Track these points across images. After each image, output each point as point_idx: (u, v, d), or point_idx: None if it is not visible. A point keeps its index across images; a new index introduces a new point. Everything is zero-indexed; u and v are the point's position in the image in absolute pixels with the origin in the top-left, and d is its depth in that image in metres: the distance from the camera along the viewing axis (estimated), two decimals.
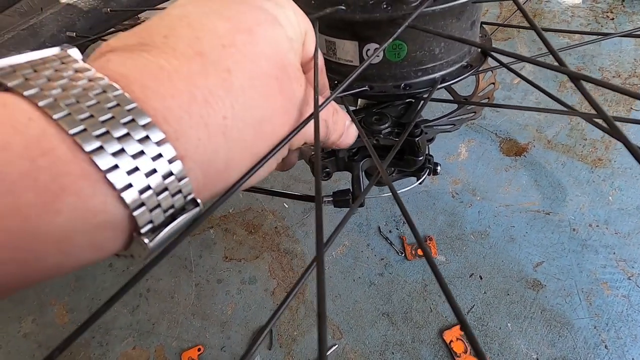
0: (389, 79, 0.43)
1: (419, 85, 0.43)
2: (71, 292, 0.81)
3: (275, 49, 0.18)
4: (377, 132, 0.44)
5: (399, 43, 0.39)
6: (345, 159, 0.48)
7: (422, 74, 0.43)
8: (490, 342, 0.65)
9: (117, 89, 0.13)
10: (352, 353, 0.67)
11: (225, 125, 0.16)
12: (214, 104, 0.15)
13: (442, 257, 0.75)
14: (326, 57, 0.44)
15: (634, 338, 0.63)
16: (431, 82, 0.43)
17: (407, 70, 0.42)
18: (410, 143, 0.43)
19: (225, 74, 0.16)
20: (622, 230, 0.73)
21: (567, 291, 0.68)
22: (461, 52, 0.44)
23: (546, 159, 0.85)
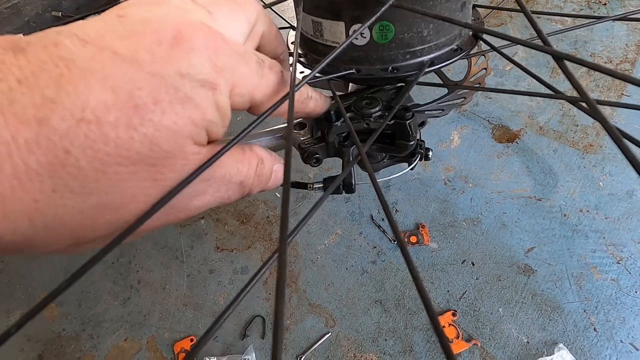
0: (376, 62, 0.42)
1: (407, 68, 0.42)
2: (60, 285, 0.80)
3: (163, 135, 0.15)
4: (367, 116, 0.43)
5: (386, 24, 0.38)
6: (336, 145, 0.47)
7: (410, 56, 0.42)
8: (482, 327, 0.66)
9: None
10: (345, 340, 0.67)
11: (36, 208, 0.14)
12: (26, 181, 0.13)
13: (435, 244, 0.75)
14: (313, 38, 0.42)
15: (622, 320, 0.64)
16: (419, 65, 0.42)
17: (394, 52, 0.41)
18: (401, 127, 0.43)
19: (61, 154, 0.13)
20: (612, 215, 0.74)
21: (557, 276, 0.69)
22: (451, 35, 0.43)
23: (538, 145, 0.85)
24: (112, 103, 0.14)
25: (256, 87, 0.21)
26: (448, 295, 0.69)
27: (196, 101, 0.17)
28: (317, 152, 0.46)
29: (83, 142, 0.14)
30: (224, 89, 0.18)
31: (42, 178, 0.13)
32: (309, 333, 0.69)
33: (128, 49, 0.15)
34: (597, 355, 0.61)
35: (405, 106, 0.43)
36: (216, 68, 0.17)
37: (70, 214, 0.15)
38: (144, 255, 0.81)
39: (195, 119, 0.17)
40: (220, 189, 0.20)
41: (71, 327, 0.74)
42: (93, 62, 0.14)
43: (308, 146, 0.46)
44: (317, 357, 0.66)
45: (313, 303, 0.71)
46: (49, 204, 0.14)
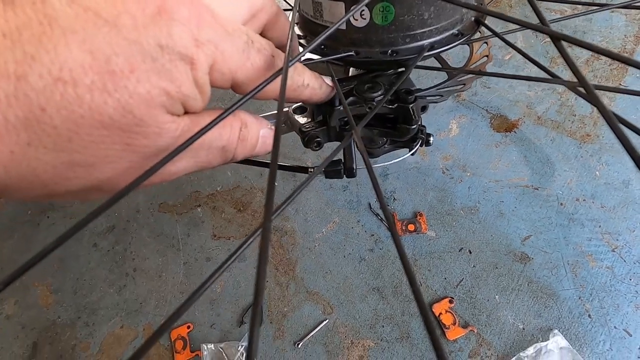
0: (375, 45, 0.41)
1: (406, 52, 0.41)
2: (55, 272, 0.79)
3: (136, 102, 0.16)
4: (370, 100, 0.43)
5: (387, 5, 0.37)
6: (337, 129, 0.47)
7: (410, 40, 0.41)
8: (478, 314, 0.66)
9: None
10: (343, 327, 0.67)
11: (12, 159, 0.14)
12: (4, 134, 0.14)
13: (432, 232, 0.75)
14: (312, 19, 0.42)
15: (617, 307, 0.65)
16: (419, 49, 0.41)
17: (394, 35, 0.40)
18: (404, 110, 0.42)
19: (37, 110, 0.14)
20: (607, 204, 0.74)
21: (553, 264, 0.70)
22: (452, 19, 0.42)
23: (536, 135, 0.85)
24: (89, 66, 0.14)
25: (239, 67, 0.20)
26: (445, 283, 0.70)
27: (173, 74, 0.17)
28: (318, 135, 0.46)
29: (58, 101, 0.14)
30: (204, 65, 0.18)
31: (18, 132, 0.14)
32: (307, 320, 0.69)
33: (111, 12, 0.15)
34: (592, 341, 0.62)
35: (408, 89, 0.43)
36: (196, 42, 0.17)
37: (43, 168, 0.15)
38: (140, 243, 0.81)
39: (170, 91, 0.17)
40: (199, 153, 0.20)
41: (66, 315, 0.74)
42: (75, 23, 0.14)
43: (309, 130, 0.45)
44: (315, 343, 0.66)
45: (311, 290, 0.71)
46: (23, 157, 0.14)
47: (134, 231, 0.82)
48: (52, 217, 0.87)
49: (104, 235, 0.83)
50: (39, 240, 0.84)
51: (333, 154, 0.31)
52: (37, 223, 0.86)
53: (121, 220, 0.84)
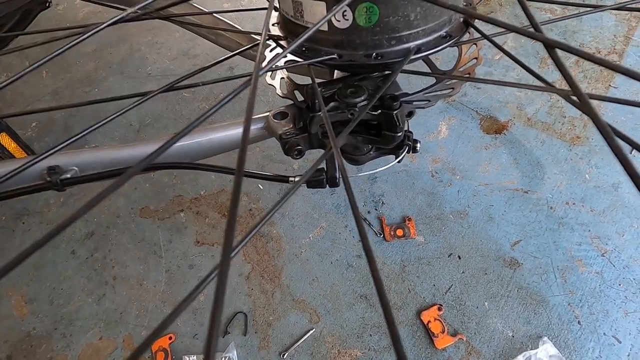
0: (359, 47, 0.39)
1: (392, 54, 0.39)
2: (30, 281, 0.76)
3: None
4: (352, 106, 0.41)
5: (370, 5, 0.35)
6: (319, 136, 0.45)
7: (395, 42, 0.39)
8: (467, 321, 0.65)
9: None
10: (330, 337, 0.66)
11: None
12: None
13: (421, 237, 0.74)
14: (293, 20, 0.39)
15: (606, 313, 0.64)
16: (405, 51, 0.39)
17: (379, 37, 0.38)
18: (388, 117, 0.40)
19: None
20: (597, 208, 0.74)
21: (543, 269, 0.69)
22: (440, 21, 0.40)
23: (526, 137, 0.84)
24: None
25: None
26: (434, 289, 0.68)
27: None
28: (299, 143, 0.43)
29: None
30: None
31: None
32: (293, 329, 0.67)
33: None
34: (581, 348, 0.61)
35: (393, 95, 0.41)
36: None
37: None
38: (120, 250, 0.78)
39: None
40: None
41: (42, 326, 0.71)
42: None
43: (289, 137, 0.43)
44: (301, 353, 0.65)
45: (297, 298, 0.69)
46: None
47: (114, 237, 0.79)
48: (28, 223, 0.83)
49: (83, 241, 0.79)
50: (14, 247, 0.80)
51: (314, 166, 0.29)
52: (12, 229, 0.83)
53: (100, 226, 0.81)
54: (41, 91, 1.08)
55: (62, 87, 1.08)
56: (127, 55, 1.14)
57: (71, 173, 0.41)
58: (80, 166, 0.42)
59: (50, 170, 0.40)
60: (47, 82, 1.10)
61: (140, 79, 1.08)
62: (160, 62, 1.11)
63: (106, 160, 0.44)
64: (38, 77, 1.11)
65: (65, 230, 0.83)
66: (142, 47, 1.16)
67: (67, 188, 0.44)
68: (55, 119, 1.01)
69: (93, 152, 0.44)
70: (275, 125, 0.45)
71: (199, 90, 1.02)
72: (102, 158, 0.44)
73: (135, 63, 1.12)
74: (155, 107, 0.99)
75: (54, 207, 0.85)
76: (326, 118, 0.32)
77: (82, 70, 1.11)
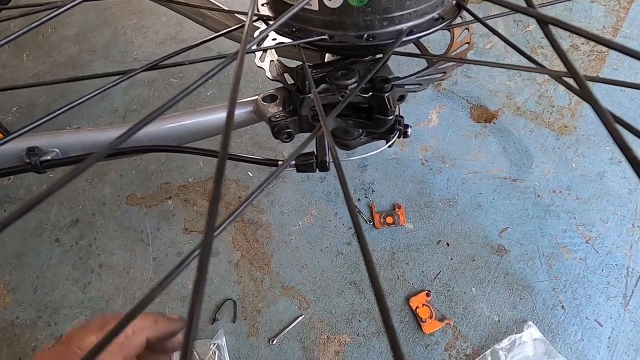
0: (350, 28, 0.38)
1: (383, 36, 0.38)
2: (12, 270, 0.74)
3: None
4: (342, 88, 0.40)
5: None
6: (310, 119, 0.44)
7: (387, 23, 0.38)
8: (455, 306, 0.66)
9: None
10: (319, 323, 0.66)
11: None
12: None
13: (411, 224, 0.74)
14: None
15: (589, 298, 0.65)
16: (397, 33, 0.38)
17: (370, 18, 0.37)
18: (379, 100, 0.40)
19: None
20: (582, 196, 0.75)
21: (529, 255, 0.70)
22: (432, 2, 0.39)
23: (515, 126, 0.84)
24: None
25: None
26: (422, 276, 0.69)
27: None
28: (289, 126, 0.43)
29: None
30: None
31: None
32: (282, 315, 0.67)
33: None
34: (564, 331, 0.63)
35: (385, 77, 0.40)
36: None
37: None
38: (106, 237, 0.76)
39: None
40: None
41: (26, 315, 0.69)
42: None
43: (278, 120, 0.42)
44: (290, 339, 0.65)
45: (286, 285, 0.69)
46: None
47: (100, 225, 0.78)
48: (10, 210, 0.81)
49: (67, 229, 0.78)
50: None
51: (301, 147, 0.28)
52: None
53: (85, 213, 0.79)
54: (22, 75, 1.04)
55: (43, 71, 1.04)
56: (112, 39, 1.11)
57: (52, 155, 0.40)
58: (62, 148, 0.41)
59: (29, 151, 0.39)
60: (28, 65, 1.06)
61: (125, 63, 1.05)
62: (146, 47, 1.08)
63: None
64: (18, 60, 1.07)
65: (49, 218, 0.80)
66: (128, 30, 1.12)
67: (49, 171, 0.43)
68: (37, 103, 0.98)
69: (75, 134, 0.42)
70: (265, 108, 0.44)
71: (187, 75, 1.00)
72: (84, 140, 0.42)
73: (121, 47, 1.09)
74: (142, 92, 0.97)
75: (36, 194, 0.83)
76: (317, 99, 0.31)
77: (65, 54, 1.08)
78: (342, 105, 0.30)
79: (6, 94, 0.99)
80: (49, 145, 0.40)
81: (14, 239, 0.77)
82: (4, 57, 1.09)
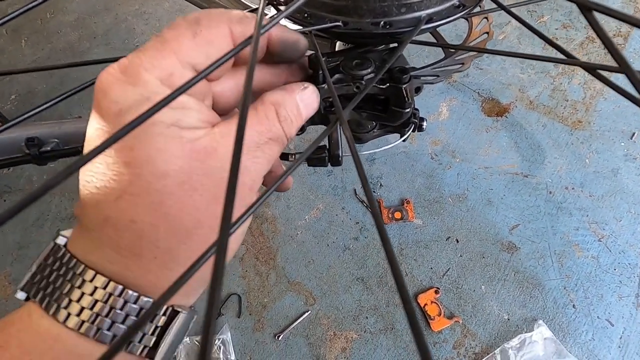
0: (366, 14, 0.35)
1: (401, 23, 0.36)
2: (14, 261, 0.73)
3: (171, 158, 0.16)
4: (358, 78, 0.38)
5: None
6: (322, 111, 0.42)
7: (406, 10, 0.36)
8: (464, 304, 0.65)
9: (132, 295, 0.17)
10: (325, 319, 0.65)
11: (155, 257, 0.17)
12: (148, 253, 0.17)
13: (419, 220, 0.72)
14: None
15: (600, 297, 0.64)
16: (416, 20, 0.36)
17: (388, 4, 0.35)
18: (397, 91, 0.37)
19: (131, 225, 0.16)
20: (596, 193, 0.73)
21: (540, 253, 0.68)
22: None
23: (527, 120, 0.82)
24: None
25: None
26: (431, 273, 0.68)
27: None
28: None
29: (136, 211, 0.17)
30: None
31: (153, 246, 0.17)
32: (288, 311, 0.66)
33: None
34: (575, 331, 0.62)
35: (403, 67, 0.38)
36: None
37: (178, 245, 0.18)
38: None
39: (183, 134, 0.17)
40: (257, 154, 0.20)
41: None
42: None
43: None
44: (296, 335, 0.64)
45: (292, 280, 0.68)
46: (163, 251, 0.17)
47: None
48: (10, 201, 0.80)
49: (69, 220, 0.76)
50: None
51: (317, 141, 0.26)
52: None
53: None
54: (20, 61, 1.02)
55: (42, 57, 1.02)
56: (113, 25, 1.08)
57: (52, 145, 0.38)
58: (62, 138, 0.39)
59: (29, 141, 0.37)
60: (27, 51, 1.03)
61: (127, 51, 1.02)
62: (148, 34, 1.05)
63: None
64: (16, 45, 1.05)
65: (50, 210, 0.79)
66: (129, 17, 1.09)
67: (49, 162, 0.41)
68: (36, 91, 0.95)
69: (76, 124, 0.40)
70: None
71: None
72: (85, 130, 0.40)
73: (122, 34, 1.06)
74: None
75: (36, 184, 0.81)
76: (332, 89, 0.29)
77: (65, 41, 1.05)
78: (359, 96, 0.28)
79: (4, 82, 0.97)
80: (49, 135, 0.38)
81: (16, 230, 0.75)
82: (1, 42, 1.06)
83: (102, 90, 0.17)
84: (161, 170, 0.16)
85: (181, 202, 0.17)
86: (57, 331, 0.16)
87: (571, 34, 0.93)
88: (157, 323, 0.18)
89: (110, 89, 0.16)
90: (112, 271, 0.17)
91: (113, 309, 0.17)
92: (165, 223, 0.17)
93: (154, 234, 0.17)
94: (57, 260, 0.17)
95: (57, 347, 0.16)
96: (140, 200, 0.16)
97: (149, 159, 0.16)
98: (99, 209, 0.17)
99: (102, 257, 0.17)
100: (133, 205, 0.16)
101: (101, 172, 0.17)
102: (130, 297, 0.17)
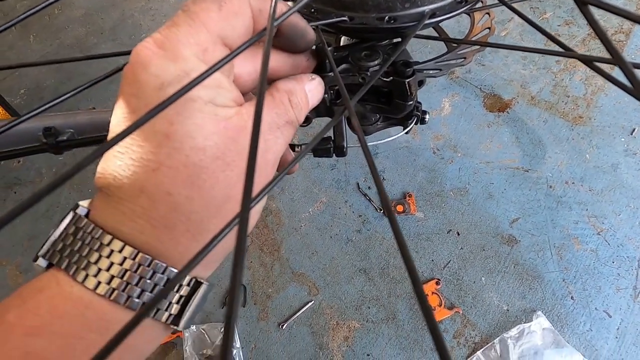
0: (371, 9, 0.37)
1: (405, 18, 0.37)
2: (24, 251, 0.74)
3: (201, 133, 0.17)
4: (364, 69, 0.39)
5: None
6: (327, 103, 0.43)
7: (410, 5, 0.37)
8: (464, 295, 0.66)
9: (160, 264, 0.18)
10: (328, 309, 0.66)
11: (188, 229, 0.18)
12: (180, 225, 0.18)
13: (421, 213, 0.74)
14: None
15: (598, 289, 0.65)
16: (420, 15, 0.37)
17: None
18: (400, 85, 0.39)
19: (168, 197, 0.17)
20: (595, 188, 0.74)
21: (540, 246, 0.70)
22: None
23: (529, 116, 0.83)
24: None
25: None
26: (432, 264, 0.69)
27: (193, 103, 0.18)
28: None
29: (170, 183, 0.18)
30: None
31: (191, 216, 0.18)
32: (292, 301, 0.67)
33: None
34: (573, 322, 0.63)
35: (406, 61, 0.39)
36: None
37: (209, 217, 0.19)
38: None
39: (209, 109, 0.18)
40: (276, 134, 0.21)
41: None
42: None
43: None
44: (300, 324, 0.65)
45: (296, 271, 0.70)
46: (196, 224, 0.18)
47: None
48: (20, 193, 0.81)
49: None
50: None
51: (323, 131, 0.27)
52: (3, 199, 0.81)
53: None
54: (29, 56, 1.03)
55: (50, 52, 1.03)
56: (119, 21, 1.09)
57: (67, 135, 0.39)
58: (77, 129, 0.40)
59: (46, 131, 0.38)
60: (35, 47, 1.05)
61: (133, 46, 1.03)
62: (154, 30, 1.06)
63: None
64: (25, 41, 1.06)
65: (59, 201, 0.81)
66: (135, 13, 1.10)
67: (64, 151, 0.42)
68: (45, 86, 0.97)
69: (89, 115, 0.42)
70: None
71: None
72: (99, 121, 0.42)
73: (128, 30, 1.07)
74: None
75: (46, 176, 0.83)
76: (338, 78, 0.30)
77: (72, 36, 1.06)
78: (365, 87, 0.30)
79: (14, 77, 0.98)
80: (64, 125, 0.40)
81: (26, 221, 0.77)
82: (10, 38, 1.07)
83: (141, 64, 0.17)
84: (200, 146, 0.17)
85: (215, 177, 0.17)
86: (88, 298, 0.17)
87: (573, 30, 0.94)
88: (182, 293, 0.19)
89: (150, 63, 0.17)
90: (142, 241, 0.17)
91: (143, 278, 0.17)
92: (199, 196, 0.17)
93: (188, 207, 0.17)
94: (80, 230, 0.18)
95: (88, 313, 0.17)
96: (177, 173, 0.17)
97: (188, 134, 0.17)
98: (134, 179, 0.17)
99: (134, 227, 0.17)
100: (170, 177, 0.17)
101: (138, 144, 0.17)
102: (159, 268, 0.17)
